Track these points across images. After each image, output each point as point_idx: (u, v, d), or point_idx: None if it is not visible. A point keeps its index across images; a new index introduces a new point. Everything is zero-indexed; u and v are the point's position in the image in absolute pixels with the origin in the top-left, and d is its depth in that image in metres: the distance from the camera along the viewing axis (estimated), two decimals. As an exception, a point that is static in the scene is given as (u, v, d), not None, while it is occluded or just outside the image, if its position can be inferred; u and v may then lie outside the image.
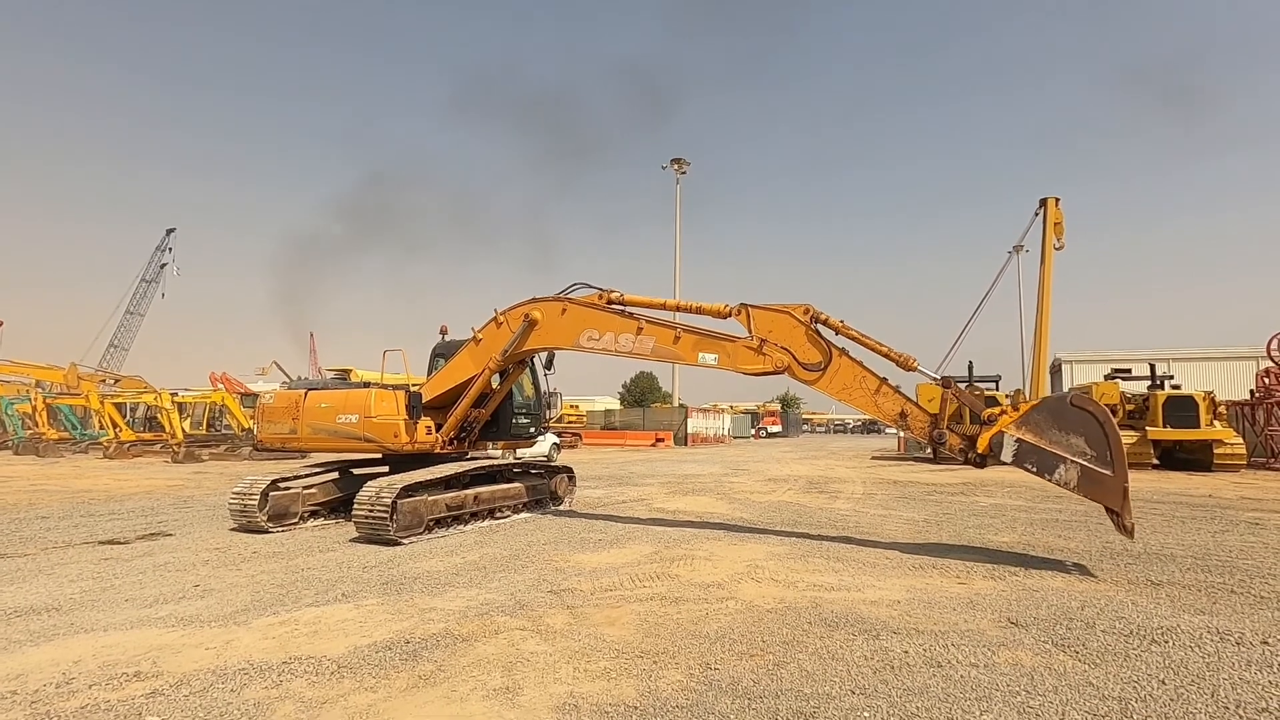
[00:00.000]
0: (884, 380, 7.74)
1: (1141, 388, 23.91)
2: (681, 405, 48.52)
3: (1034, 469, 6.95)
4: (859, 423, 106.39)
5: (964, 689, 3.72)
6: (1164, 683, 3.82)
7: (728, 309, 8.47)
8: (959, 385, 7.55)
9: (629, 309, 8.91)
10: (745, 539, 8.50)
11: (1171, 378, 24.86)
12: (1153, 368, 24.28)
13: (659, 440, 42.19)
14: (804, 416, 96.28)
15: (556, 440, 34.77)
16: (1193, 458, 21.52)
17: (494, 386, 9.93)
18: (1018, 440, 6.99)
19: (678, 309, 9.04)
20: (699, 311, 8.86)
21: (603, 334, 8.83)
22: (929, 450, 27.73)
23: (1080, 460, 6.65)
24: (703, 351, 8.46)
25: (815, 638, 4.60)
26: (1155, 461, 21.82)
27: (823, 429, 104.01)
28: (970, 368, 27.53)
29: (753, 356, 8.15)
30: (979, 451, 7.27)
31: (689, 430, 44.28)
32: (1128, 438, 21.65)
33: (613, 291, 9.03)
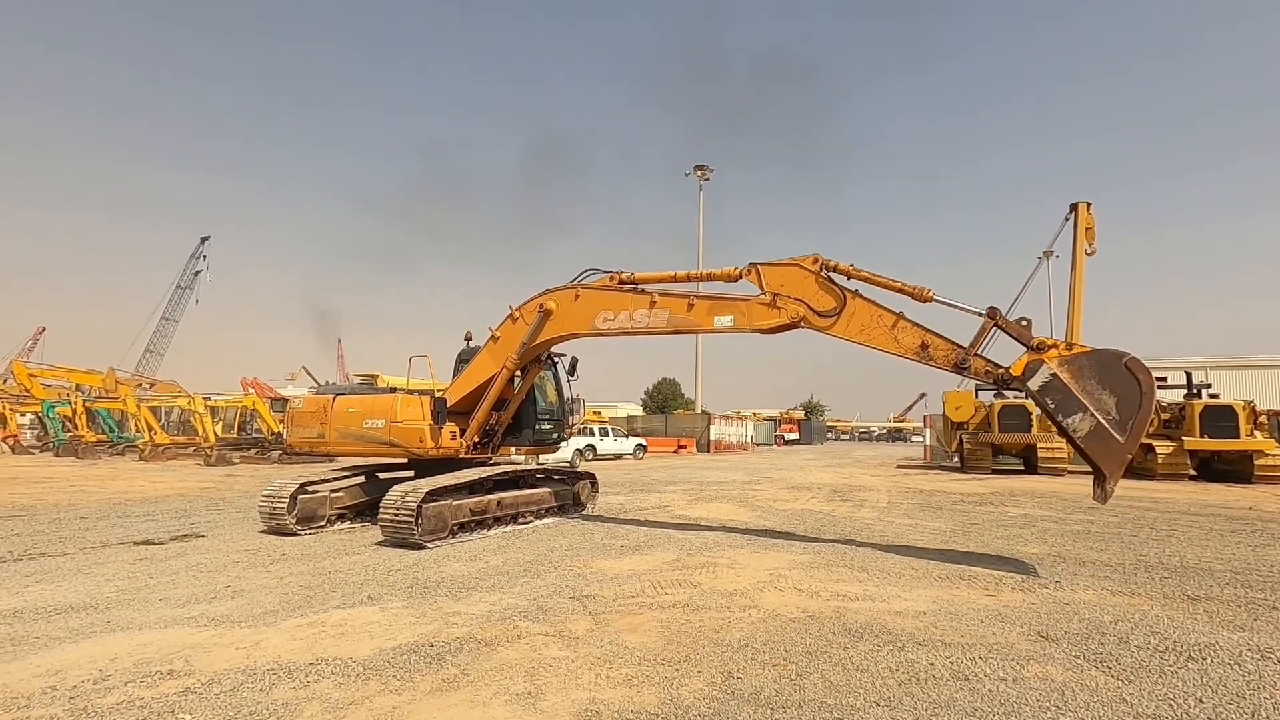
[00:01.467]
0: (900, 314, 7.62)
1: (1177, 396, 23.28)
2: (704, 412, 48.37)
3: (1052, 405, 6.86)
4: (884, 430, 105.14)
5: (992, 703, 3.65)
6: (1201, 701, 3.72)
7: (738, 271, 8.50)
8: (1004, 317, 7.23)
9: (641, 286, 8.99)
10: (768, 547, 8.44)
11: (1209, 386, 24.18)
12: (1189, 376, 23.63)
13: (681, 447, 42.08)
14: (828, 424, 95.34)
15: (641, 442, 34.92)
16: (1232, 469, 20.91)
17: (514, 389, 10.00)
18: (1053, 374, 6.84)
19: (689, 279, 9.09)
20: (710, 278, 8.93)
21: (617, 313, 8.90)
22: (956, 459, 27.30)
23: (1100, 417, 6.61)
24: (718, 315, 8.47)
25: (839, 648, 4.56)
26: (1192, 472, 21.24)
27: (847, 436, 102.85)
28: (999, 375, 27.02)
29: (767, 312, 8.14)
30: (1014, 373, 7.06)
31: (712, 437, 44.14)
32: (1164, 448, 21.11)
33: (622, 273, 9.14)
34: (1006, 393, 26.27)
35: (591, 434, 30.79)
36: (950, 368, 7.39)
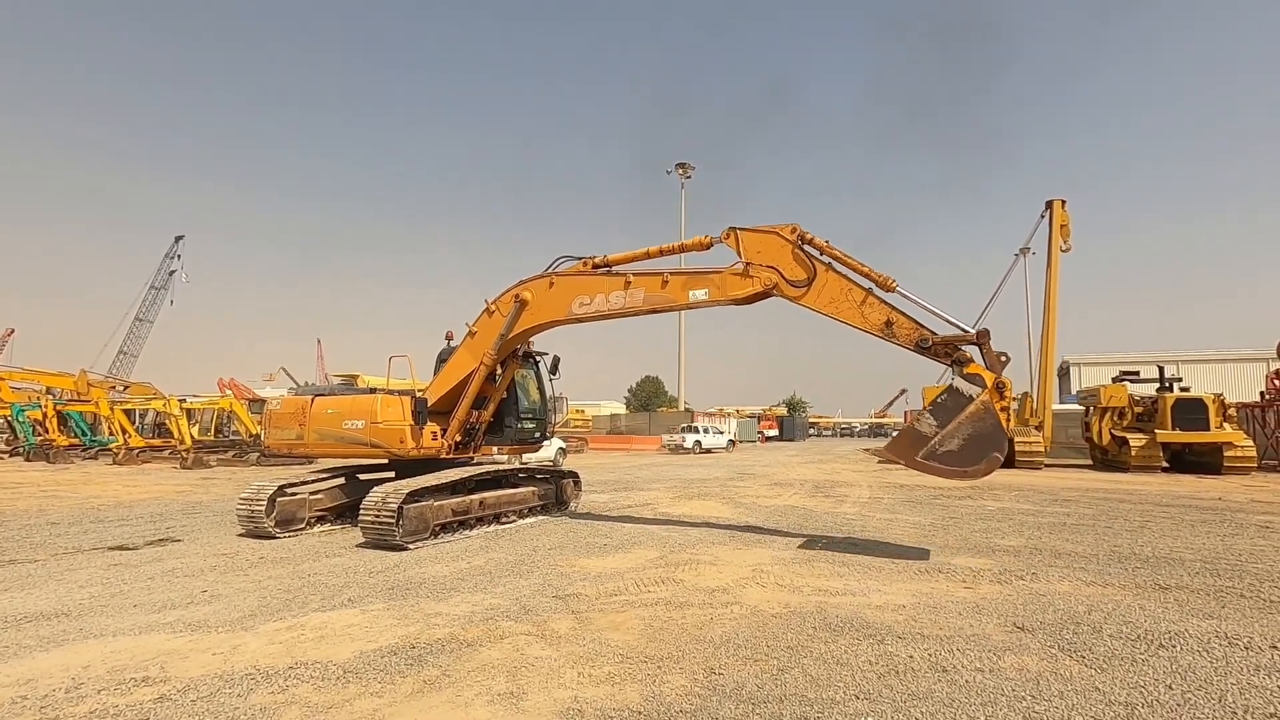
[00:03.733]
0: (869, 291, 7.81)
1: (1150, 390, 23.78)
2: (688, 409, 48.54)
3: (944, 401, 7.48)
4: (865, 426, 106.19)
5: (969, 694, 3.71)
6: (1171, 688, 3.80)
7: (710, 239, 8.71)
8: (990, 346, 7.52)
9: (615, 268, 9.08)
10: (750, 543, 8.49)
11: (1180, 380, 24.72)
12: (1161, 370, 24.15)
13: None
14: (810, 420, 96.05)
15: (732, 438, 38.74)
16: (1202, 460, 21.41)
17: (494, 386, 9.96)
18: (972, 398, 7.25)
19: (661, 253, 9.21)
20: (683, 249, 9.11)
21: (593, 297, 8.98)
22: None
23: (935, 438, 7.34)
24: (692, 289, 8.57)
25: (820, 642, 4.60)
26: (1164, 464, 21.71)
27: (829, 432, 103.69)
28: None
29: (740, 282, 8.28)
30: (967, 370, 7.42)
31: (695, 434, 44.19)
32: (1137, 440, 21.56)
33: (595, 257, 9.22)
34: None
35: (697, 430, 38.47)
36: (912, 345, 7.66)
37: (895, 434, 7.82)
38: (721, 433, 40.14)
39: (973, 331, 7.45)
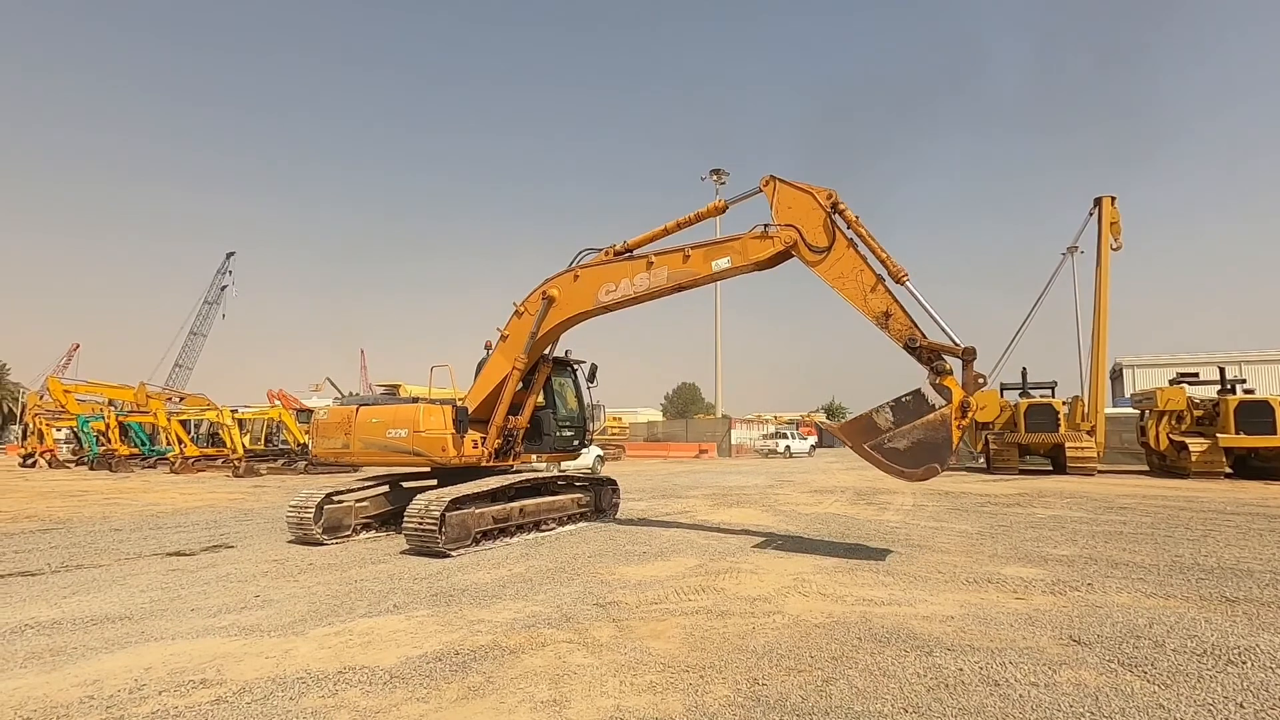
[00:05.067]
0: (880, 279, 7.76)
1: (1210, 392, 22.77)
2: (725, 416, 48.24)
3: (907, 401, 7.45)
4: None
5: (1023, 709, 3.59)
6: (1242, 706, 3.62)
7: (724, 203, 9.06)
8: (973, 365, 7.47)
9: (637, 252, 9.20)
10: (791, 551, 8.38)
11: (1244, 381, 23.63)
12: (1222, 371, 23.11)
13: (702, 452, 41.99)
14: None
15: (814, 441, 44.00)
16: (1269, 466, 20.41)
17: (528, 392, 10.07)
18: (933, 405, 7.27)
19: (679, 226, 9.30)
20: (699, 218, 9.24)
21: (618, 283, 9.08)
22: (981, 460, 26.93)
23: (888, 433, 7.46)
24: (715, 259, 8.60)
25: (865, 654, 4.51)
26: (1228, 470, 20.75)
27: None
28: (1024, 374, 26.70)
29: (760, 245, 8.28)
30: (944, 382, 7.37)
31: (732, 441, 43.99)
32: (1198, 445, 20.65)
33: (616, 245, 9.34)
34: (1033, 392, 25.92)
35: (787, 437, 44.50)
36: (901, 342, 7.63)
37: (851, 416, 8.10)
38: (805, 439, 46.29)
39: (960, 346, 7.39)
